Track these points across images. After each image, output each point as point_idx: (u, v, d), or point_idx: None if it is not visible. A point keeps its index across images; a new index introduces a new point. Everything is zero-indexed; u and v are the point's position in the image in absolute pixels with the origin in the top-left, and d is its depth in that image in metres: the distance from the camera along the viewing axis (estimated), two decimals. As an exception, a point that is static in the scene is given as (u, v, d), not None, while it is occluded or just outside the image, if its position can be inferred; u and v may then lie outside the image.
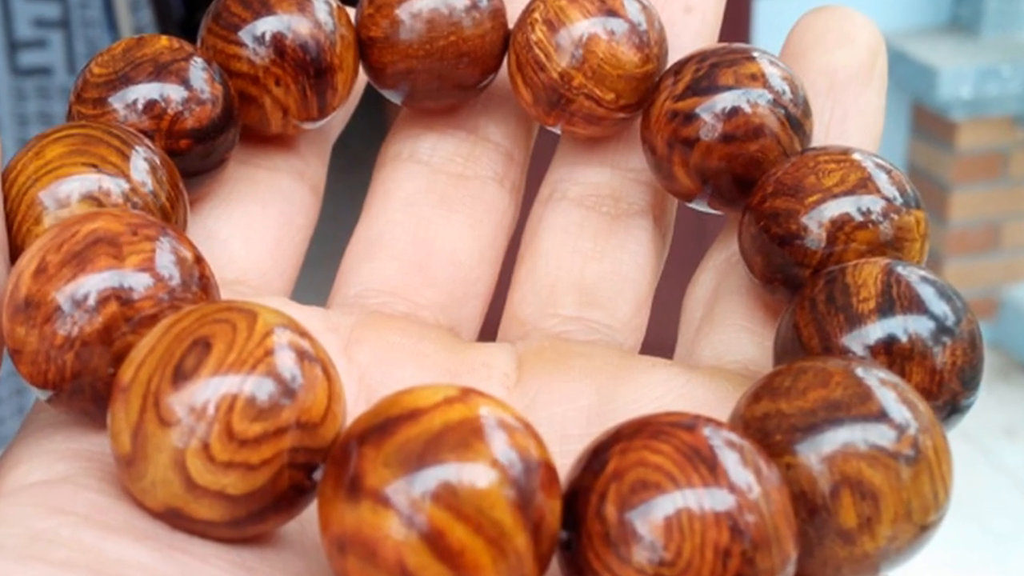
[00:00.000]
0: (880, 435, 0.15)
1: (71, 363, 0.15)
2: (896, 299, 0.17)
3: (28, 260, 0.16)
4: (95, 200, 0.17)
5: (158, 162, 0.18)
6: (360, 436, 0.14)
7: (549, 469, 0.14)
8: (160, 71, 0.20)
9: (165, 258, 0.16)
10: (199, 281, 0.16)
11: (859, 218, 0.19)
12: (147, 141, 0.19)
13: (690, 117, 0.21)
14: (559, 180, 0.23)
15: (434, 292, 0.22)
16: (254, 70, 0.21)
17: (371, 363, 0.20)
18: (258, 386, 0.14)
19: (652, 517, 0.14)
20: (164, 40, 0.21)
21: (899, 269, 0.18)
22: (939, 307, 0.17)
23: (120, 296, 0.16)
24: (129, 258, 0.16)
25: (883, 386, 0.16)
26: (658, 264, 0.23)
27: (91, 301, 0.15)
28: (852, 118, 0.22)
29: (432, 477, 0.13)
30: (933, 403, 0.17)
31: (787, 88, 0.21)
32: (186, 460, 0.14)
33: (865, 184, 0.19)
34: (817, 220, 0.19)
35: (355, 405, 0.19)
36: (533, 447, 0.14)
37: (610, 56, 0.22)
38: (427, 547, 0.13)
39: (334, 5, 0.22)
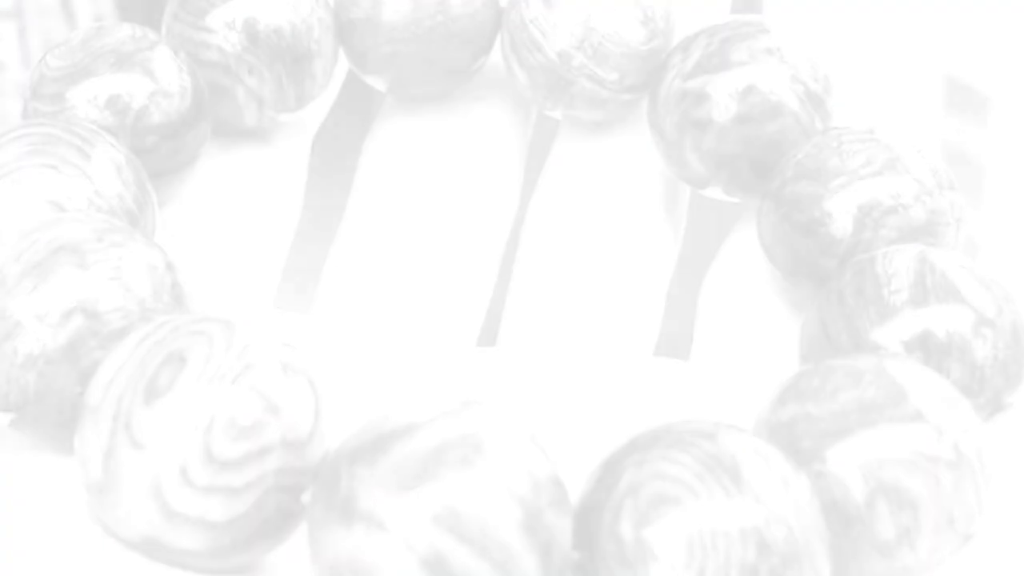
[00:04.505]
0: (918, 438, 0.15)
1: (34, 383, 0.15)
2: (931, 289, 0.17)
3: (-16, 272, 0.16)
4: (55, 205, 0.17)
5: (123, 161, 0.19)
6: (351, 454, 0.14)
7: (558, 485, 0.14)
8: (123, 62, 0.20)
9: (134, 266, 0.16)
10: (171, 290, 0.16)
11: (889, 202, 0.19)
12: (110, 139, 0.19)
13: (701, 97, 0.21)
14: (561, 169, 0.23)
15: (427, 294, 0.22)
16: (225, 58, 0.21)
17: (360, 374, 0.20)
18: (238, 403, 0.14)
19: (671, 534, 0.14)
20: (126, 28, 0.21)
21: (933, 257, 0.18)
22: (978, 297, 0.17)
23: (86, 309, 0.16)
24: (94, 267, 0.16)
25: (920, 384, 0.16)
26: (671, 258, 0.23)
27: (54, 315, 0.15)
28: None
29: (431, 497, 0.13)
30: (975, 401, 0.17)
31: (806, 62, 0.21)
32: (163, 485, 0.14)
33: (894, 165, 0.19)
34: (843, 205, 0.19)
35: (344, 421, 0.19)
36: (540, 462, 0.14)
37: (612, 33, 0.22)
38: (427, 573, 0.13)
39: (310, -15, 0.22)
